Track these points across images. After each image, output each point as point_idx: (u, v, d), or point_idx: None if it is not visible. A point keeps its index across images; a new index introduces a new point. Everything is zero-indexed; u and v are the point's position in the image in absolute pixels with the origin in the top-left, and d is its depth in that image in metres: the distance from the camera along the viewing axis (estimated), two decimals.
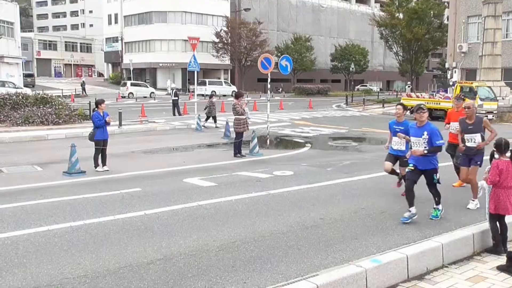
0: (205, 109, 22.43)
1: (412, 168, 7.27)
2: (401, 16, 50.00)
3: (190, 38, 22.91)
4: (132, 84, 50.84)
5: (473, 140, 8.22)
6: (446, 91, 34.85)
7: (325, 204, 8.57)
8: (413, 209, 7.22)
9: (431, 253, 5.61)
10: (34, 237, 6.60)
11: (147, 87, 51.79)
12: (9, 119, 21.14)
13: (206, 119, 22.21)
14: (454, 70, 38.35)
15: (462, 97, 10.09)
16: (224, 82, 56.43)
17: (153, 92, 49.29)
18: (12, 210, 7.98)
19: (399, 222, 7.32)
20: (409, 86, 49.80)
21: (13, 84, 39.37)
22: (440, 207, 7.51)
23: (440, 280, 5.28)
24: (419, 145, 7.24)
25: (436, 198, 7.46)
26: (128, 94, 47.82)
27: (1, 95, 23.07)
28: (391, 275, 5.14)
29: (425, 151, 7.08)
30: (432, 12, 50.28)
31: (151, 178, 10.99)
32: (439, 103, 27.42)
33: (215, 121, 22.28)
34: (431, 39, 51.35)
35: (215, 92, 33.69)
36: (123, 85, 50.82)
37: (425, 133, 7.19)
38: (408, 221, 7.18)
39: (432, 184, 7.36)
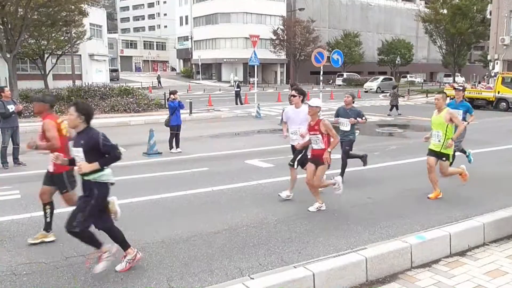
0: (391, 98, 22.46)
1: None
2: (445, 12, 47.50)
3: (251, 36, 22.88)
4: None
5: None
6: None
7: (372, 184, 8.38)
8: None
9: (472, 231, 5.35)
10: (119, 208, 6.87)
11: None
12: (99, 107, 22.07)
13: (391, 109, 22.03)
14: (496, 62, 36.15)
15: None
16: None
17: None
18: None
19: (442, 202, 7.05)
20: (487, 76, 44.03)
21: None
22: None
23: (481, 257, 5.04)
24: None
25: None
26: None
27: (92, 88, 24.13)
28: (434, 251, 4.96)
29: None
30: (475, 8, 47.43)
31: (217, 159, 11.15)
32: (481, 93, 26.05)
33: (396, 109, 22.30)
34: (474, 33, 48.50)
35: None
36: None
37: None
38: None
39: None
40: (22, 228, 6.01)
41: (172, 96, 12.26)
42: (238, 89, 28.73)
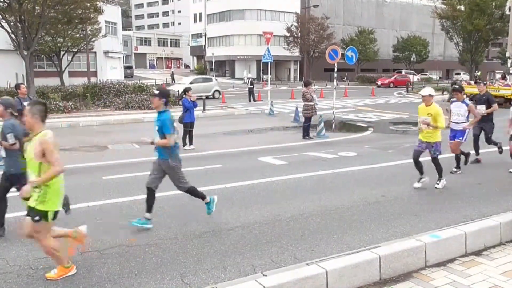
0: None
1: None
2: (462, 8, 46.79)
3: (265, 33, 22.86)
4: None
5: None
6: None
7: (386, 182, 8.32)
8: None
9: (489, 230, 5.27)
10: (134, 203, 6.94)
11: None
12: (113, 104, 22.29)
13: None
14: None
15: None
16: None
17: None
18: (116, 181, 8.44)
19: (457, 201, 6.96)
20: None
21: None
22: None
23: (498, 257, 4.96)
24: None
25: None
26: None
27: (107, 84, 24.36)
28: (449, 250, 4.90)
29: None
30: (493, 4, 46.58)
31: (230, 156, 11.17)
32: (499, 90, 25.63)
33: None
34: (492, 29, 47.71)
35: None
36: None
37: None
38: None
39: None
40: None
41: (186, 94, 12.31)
42: (251, 86, 28.72)
